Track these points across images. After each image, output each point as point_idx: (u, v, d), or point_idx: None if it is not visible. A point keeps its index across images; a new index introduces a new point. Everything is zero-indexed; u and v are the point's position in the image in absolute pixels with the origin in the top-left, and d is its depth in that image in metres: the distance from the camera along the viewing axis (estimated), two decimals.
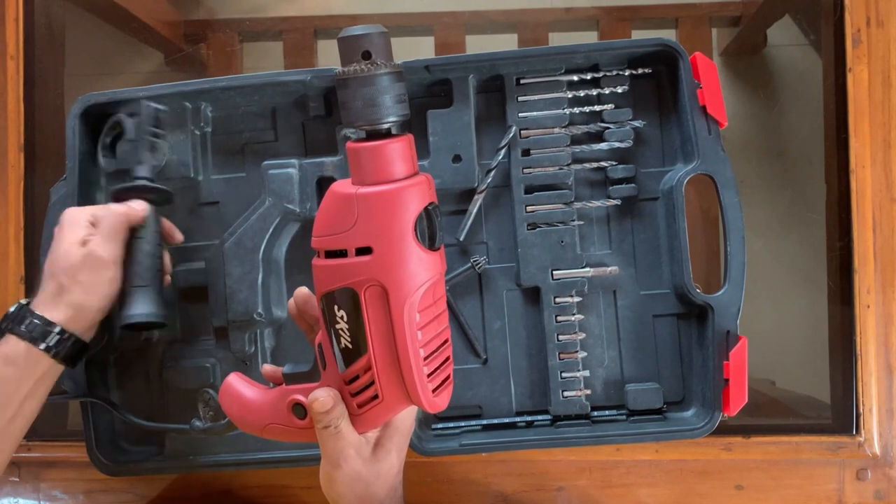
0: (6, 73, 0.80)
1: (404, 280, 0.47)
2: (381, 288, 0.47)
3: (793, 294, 0.94)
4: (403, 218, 0.47)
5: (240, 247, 0.70)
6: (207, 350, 0.72)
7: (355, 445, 0.53)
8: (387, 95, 0.47)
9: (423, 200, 0.48)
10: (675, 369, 0.72)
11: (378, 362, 0.49)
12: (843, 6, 0.76)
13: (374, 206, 0.47)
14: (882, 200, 0.74)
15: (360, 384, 0.51)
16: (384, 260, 0.47)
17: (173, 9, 1.02)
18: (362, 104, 0.47)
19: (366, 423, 0.53)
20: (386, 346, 0.49)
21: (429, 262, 0.48)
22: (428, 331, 0.49)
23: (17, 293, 0.78)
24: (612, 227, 0.73)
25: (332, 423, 0.52)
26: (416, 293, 0.47)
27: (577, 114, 0.72)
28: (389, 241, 0.47)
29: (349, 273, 0.48)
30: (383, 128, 0.48)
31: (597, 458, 0.74)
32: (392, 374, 0.49)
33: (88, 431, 0.71)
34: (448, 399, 0.53)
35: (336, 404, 0.51)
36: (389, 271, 0.47)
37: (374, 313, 0.48)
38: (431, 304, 0.49)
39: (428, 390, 0.50)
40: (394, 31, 0.96)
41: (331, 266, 0.48)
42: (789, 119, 0.96)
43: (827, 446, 0.73)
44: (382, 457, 0.55)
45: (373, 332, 0.49)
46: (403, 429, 0.56)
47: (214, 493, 0.76)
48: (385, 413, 0.52)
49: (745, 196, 0.68)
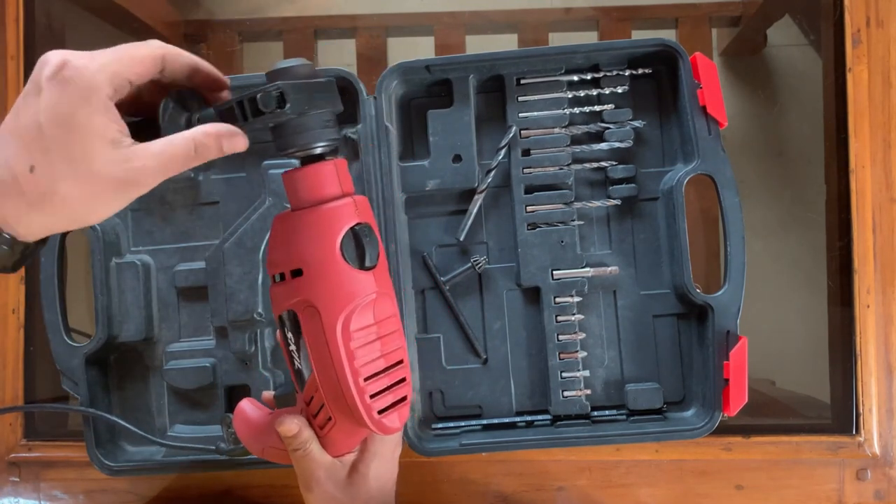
0: (6, 74, 0.80)
1: (332, 299, 0.48)
2: (314, 308, 0.48)
3: (793, 294, 0.94)
4: (327, 237, 0.48)
5: (240, 247, 0.70)
6: (207, 350, 0.72)
7: (326, 468, 0.54)
8: (309, 126, 0.47)
9: (348, 220, 0.48)
10: (675, 369, 0.72)
11: (322, 384, 0.50)
12: (843, 6, 0.76)
13: (302, 227, 0.48)
14: (882, 200, 0.74)
15: (315, 406, 0.52)
16: (312, 279, 0.48)
17: (173, 9, 1.02)
18: (289, 134, 0.47)
19: (334, 446, 0.54)
20: (326, 367, 0.49)
21: (359, 281, 0.48)
22: (368, 351, 0.49)
23: (17, 293, 0.78)
24: (612, 227, 0.73)
25: (301, 447, 0.53)
26: (345, 311, 0.48)
27: (577, 114, 0.72)
28: (315, 260, 0.48)
29: (288, 295, 0.49)
30: (314, 153, 0.48)
31: (597, 458, 0.74)
32: (337, 395, 0.50)
33: (88, 431, 0.71)
34: (402, 420, 0.52)
35: (302, 429, 0.52)
36: (317, 290, 0.48)
37: (310, 334, 0.49)
38: (371, 323, 0.49)
39: (371, 410, 0.50)
40: (394, 31, 0.97)
41: (276, 290, 0.50)
42: (789, 119, 0.96)
43: (827, 446, 0.73)
44: (358, 481, 0.55)
45: (313, 353, 0.49)
46: (383, 453, 0.56)
47: (214, 493, 0.76)
48: (346, 436, 0.53)
49: (745, 196, 0.68)
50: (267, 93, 0.45)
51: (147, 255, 0.74)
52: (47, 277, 0.71)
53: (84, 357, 0.70)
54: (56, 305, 0.71)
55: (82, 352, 0.70)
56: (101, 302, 0.71)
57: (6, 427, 0.78)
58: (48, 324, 0.71)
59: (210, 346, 0.73)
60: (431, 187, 0.71)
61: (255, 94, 0.45)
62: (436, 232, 0.73)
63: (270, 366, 0.72)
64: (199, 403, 0.73)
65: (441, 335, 0.73)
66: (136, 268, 0.72)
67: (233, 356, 0.72)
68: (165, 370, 0.72)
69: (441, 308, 0.73)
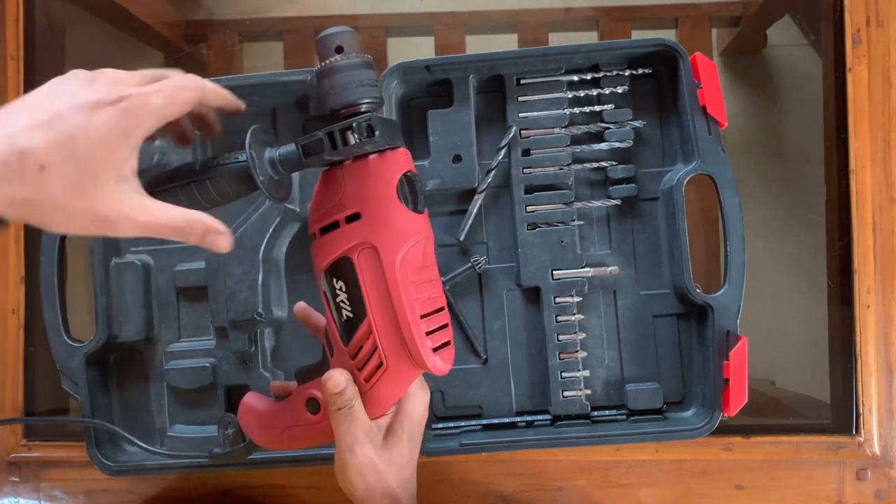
0: (6, 74, 0.80)
1: (392, 236, 0.50)
2: (372, 248, 0.50)
3: (793, 294, 0.94)
4: (386, 180, 0.50)
5: (240, 247, 0.70)
6: (207, 350, 0.72)
7: (367, 430, 0.54)
8: (361, 80, 0.50)
9: (402, 166, 0.51)
10: (675, 369, 0.72)
11: (377, 324, 0.51)
12: (843, 6, 0.76)
13: (359, 173, 0.50)
14: (882, 200, 0.74)
15: (365, 353, 0.52)
16: (372, 220, 0.50)
17: (173, 9, 1.02)
18: (340, 90, 0.50)
19: (376, 403, 0.54)
20: (383, 306, 0.51)
21: (414, 221, 0.51)
22: (421, 290, 0.51)
23: (17, 293, 0.78)
24: (612, 227, 0.73)
25: (346, 404, 0.52)
26: (404, 248, 0.50)
27: (577, 114, 0.72)
28: (376, 202, 0.50)
29: (342, 241, 0.51)
30: (361, 108, 0.50)
31: (597, 458, 0.74)
32: (392, 335, 0.51)
33: (88, 431, 0.71)
34: (450, 363, 0.54)
35: (349, 384, 0.52)
36: (378, 230, 0.50)
37: (368, 274, 0.51)
38: (421, 266, 0.52)
39: (428, 347, 0.51)
40: (394, 32, 0.97)
41: (325, 241, 0.52)
42: (789, 119, 0.96)
43: (827, 446, 0.73)
44: (394, 444, 0.55)
45: (369, 293, 0.51)
46: (414, 416, 0.56)
47: (214, 493, 0.76)
48: (392, 385, 0.53)
49: (745, 196, 0.68)
50: (360, 124, 0.48)
51: (147, 255, 0.74)
52: (47, 277, 0.71)
53: (84, 357, 0.70)
54: (56, 305, 0.71)
55: (82, 352, 0.70)
56: (101, 302, 0.71)
57: (6, 427, 0.78)
58: (48, 324, 0.71)
59: (210, 346, 0.73)
60: (431, 187, 0.71)
61: (347, 125, 0.48)
62: (436, 232, 0.72)
63: (270, 366, 0.72)
64: (199, 403, 0.73)
65: None
66: (136, 268, 0.72)
67: (233, 356, 0.72)
68: (165, 370, 0.72)
69: None
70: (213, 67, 0.97)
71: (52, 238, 0.71)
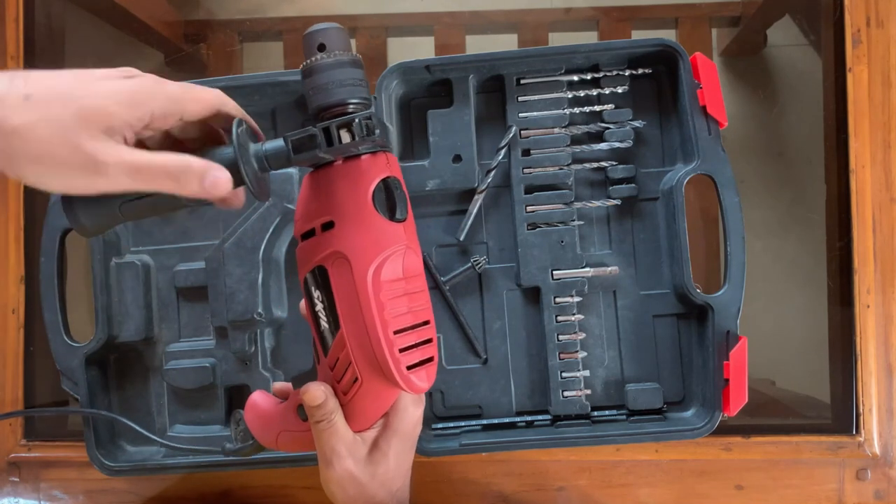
0: None
1: (363, 247, 0.48)
2: (345, 258, 0.48)
3: (793, 294, 0.94)
4: (360, 187, 0.48)
5: (240, 247, 0.70)
6: (207, 350, 0.72)
7: (348, 444, 0.52)
8: (344, 80, 0.48)
9: (380, 172, 0.48)
10: (675, 369, 0.72)
11: (350, 338, 0.49)
12: (843, 6, 0.76)
13: (334, 179, 0.48)
14: (882, 200, 0.74)
15: (341, 367, 0.51)
16: (343, 229, 0.48)
17: (173, 9, 1.02)
18: (323, 89, 0.48)
19: (359, 416, 0.53)
20: (356, 318, 0.49)
21: (391, 231, 0.49)
22: (397, 304, 0.49)
23: (17, 293, 0.79)
24: (612, 227, 0.73)
25: (325, 418, 0.51)
26: (376, 260, 0.48)
27: (577, 114, 0.72)
28: (347, 210, 0.48)
29: (318, 250, 0.49)
30: (349, 108, 0.49)
31: (597, 458, 0.74)
32: (365, 349, 0.49)
33: (88, 432, 0.71)
34: (429, 381, 0.51)
35: (328, 397, 0.51)
36: (349, 239, 0.48)
37: (340, 286, 0.49)
38: (400, 277, 0.49)
39: (400, 364, 0.49)
40: (394, 32, 0.97)
41: (304, 248, 0.50)
42: (789, 119, 0.95)
43: (827, 446, 0.73)
44: (378, 459, 0.53)
45: (341, 306, 0.49)
46: (403, 431, 0.54)
47: (214, 493, 0.76)
48: (371, 400, 0.52)
49: (745, 196, 0.68)
50: (360, 122, 0.46)
51: (147, 255, 0.74)
52: (47, 277, 0.71)
53: (84, 357, 0.70)
54: (56, 305, 0.71)
55: (82, 352, 0.71)
56: (101, 302, 0.71)
57: (6, 427, 0.78)
58: (48, 324, 0.71)
59: (210, 346, 0.73)
60: (431, 187, 0.71)
61: (349, 120, 0.46)
62: (436, 232, 0.73)
63: (270, 366, 0.72)
64: (199, 403, 0.73)
65: (441, 335, 0.73)
66: (136, 268, 0.72)
67: (233, 356, 0.72)
68: (165, 370, 0.72)
69: (441, 308, 0.73)
70: (213, 67, 0.97)
71: (53, 238, 0.71)
